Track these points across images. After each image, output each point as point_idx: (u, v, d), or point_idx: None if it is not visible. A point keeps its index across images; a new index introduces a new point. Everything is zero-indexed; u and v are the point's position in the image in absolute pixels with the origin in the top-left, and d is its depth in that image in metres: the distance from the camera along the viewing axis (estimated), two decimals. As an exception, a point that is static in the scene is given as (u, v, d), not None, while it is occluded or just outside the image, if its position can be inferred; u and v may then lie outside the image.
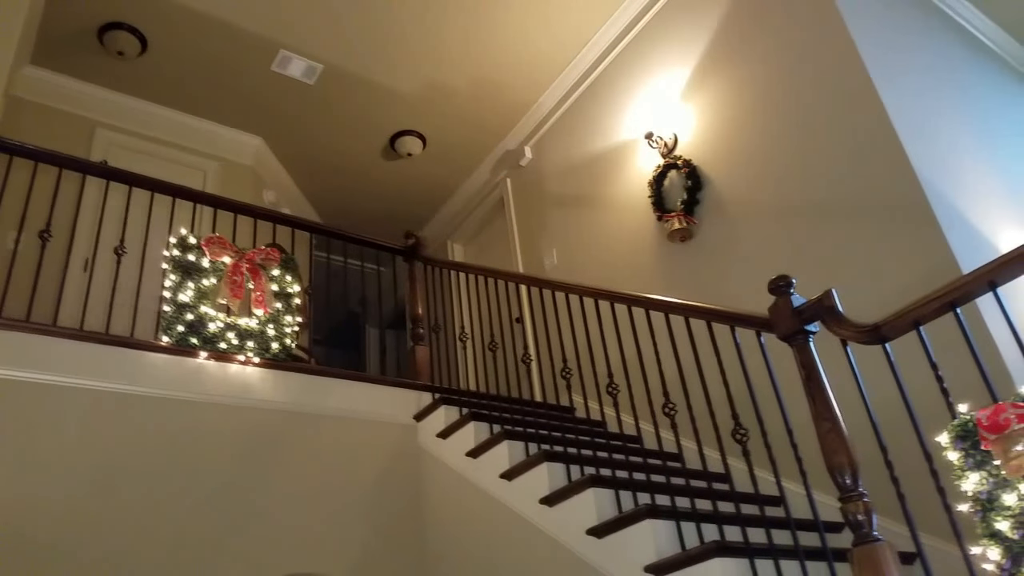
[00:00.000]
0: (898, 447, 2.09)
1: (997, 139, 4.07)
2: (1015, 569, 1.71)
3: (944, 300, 1.96)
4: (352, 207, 6.61)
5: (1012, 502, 1.70)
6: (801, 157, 3.74)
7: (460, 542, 3.57)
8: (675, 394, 3.04)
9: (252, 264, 3.88)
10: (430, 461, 3.91)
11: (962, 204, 3.30)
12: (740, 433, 2.40)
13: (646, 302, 3.05)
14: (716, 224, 4.15)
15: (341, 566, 3.47)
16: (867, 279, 3.24)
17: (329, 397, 3.84)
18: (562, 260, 5.25)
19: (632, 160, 4.78)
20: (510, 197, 5.99)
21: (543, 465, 3.16)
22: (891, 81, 3.55)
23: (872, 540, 1.94)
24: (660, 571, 2.48)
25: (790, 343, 2.27)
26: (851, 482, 2.01)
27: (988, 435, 1.64)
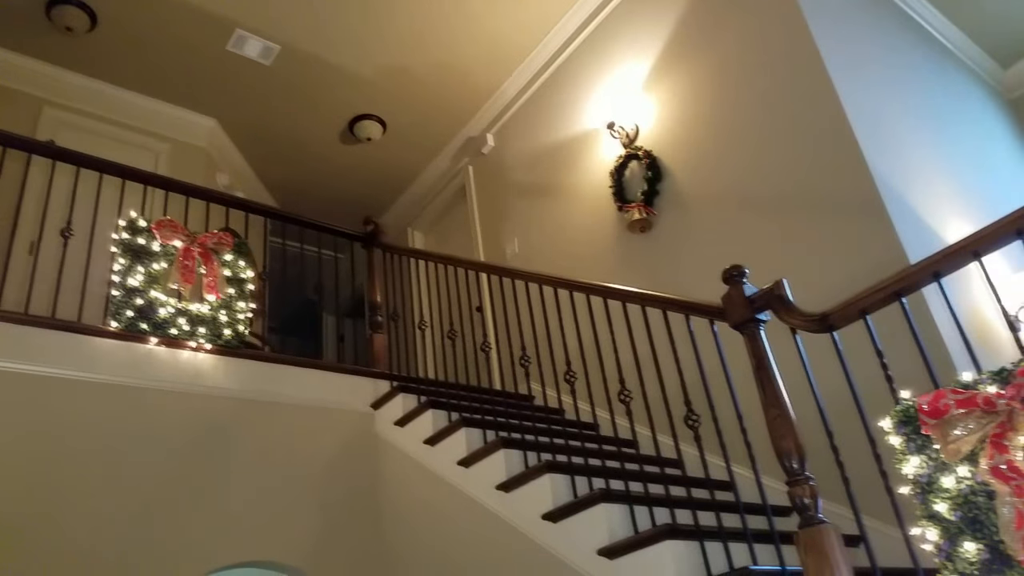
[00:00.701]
0: (845, 433, 2.16)
1: (949, 135, 4.20)
2: (952, 549, 1.78)
3: (890, 290, 2.02)
4: (310, 192, 6.53)
5: (950, 484, 1.77)
6: (758, 150, 3.81)
7: (417, 529, 3.59)
8: (631, 382, 3.10)
9: (204, 248, 3.83)
10: (387, 449, 3.91)
11: (912, 198, 3.40)
12: (692, 419, 2.46)
13: (604, 291, 3.09)
14: (675, 215, 4.21)
15: (296, 554, 3.46)
16: (819, 270, 3.32)
17: (284, 385, 3.82)
18: (524, 249, 5.28)
19: (594, 150, 4.82)
20: (472, 185, 5.99)
21: (500, 452, 3.20)
22: (848, 77, 3.64)
23: (817, 523, 2.00)
24: (612, 553, 2.53)
25: (742, 331, 2.33)
26: (798, 466, 2.08)
27: (928, 420, 1.71)
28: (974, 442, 1.68)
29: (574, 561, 2.69)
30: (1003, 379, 1.70)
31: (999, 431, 1.64)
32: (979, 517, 1.74)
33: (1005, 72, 5.22)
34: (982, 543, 1.73)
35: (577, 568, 2.66)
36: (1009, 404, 1.64)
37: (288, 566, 3.46)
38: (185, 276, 3.71)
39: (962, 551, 1.75)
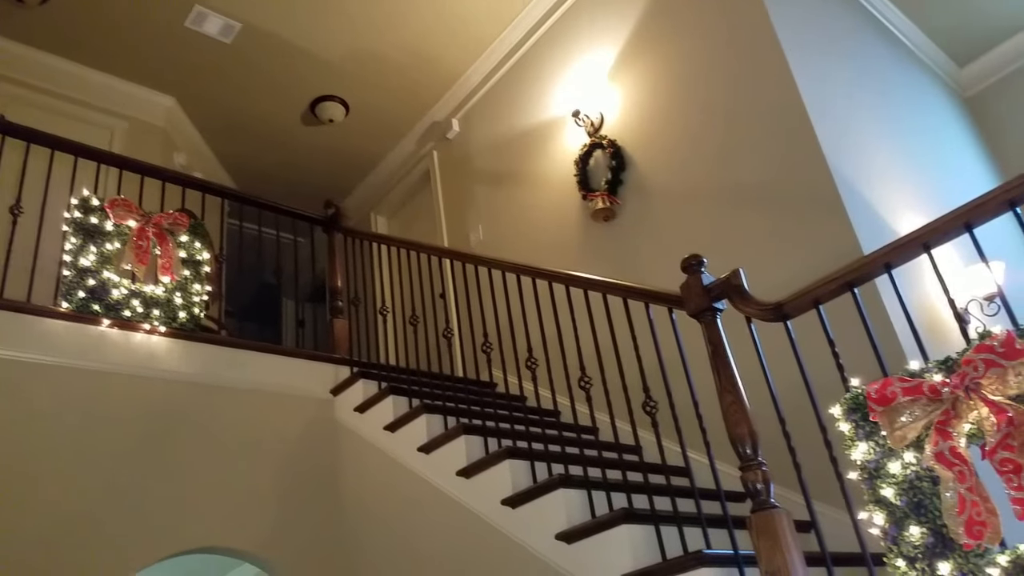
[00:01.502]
0: (798, 420, 2.22)
1: (906, 132, 4.31)
2: (897, 533, 1.85)
3: (842, 281, 2.08)
4: (270, 174, 6.44)
5: (896, 470, 1.83)
6: (719, 142, 3.87)
7: (377, 515, 3.59)
8: (592, 369, 3.13)
9: (159, 229, 3.76)
10: (347, 435, 3.90)
11: (868, 192, 3.49)
12: (650, 405, 2.50)
13: (566, 278, 3.11)
14: (638, 205, 4.25)
15: (254, 541, 3.45)
16: (777, 261, 3.39)
17: (241, 369, 3.78)
18: (488, 236, 5.28)
19: (559, 138, 4.83)
20: (436, 170, 5.96)
21: (461, 438, 3.21)
22: (809, 72, 3.70)
23: (769, 507, 2.06)
24: (570, 538, 2.57)
25: (699, 320, 2.37)
26: (751, 452, 2.13)
27: (876, 407, 1.76)
28: (920, 429, 1.74)
29: (532, 545, 2.72)
30: (949, 368, 1.76)
31: (944, 418, 1.71)
32: (924, 502, 1.80)
33: (961, 71, 5.36)
34: (926, 527, 1.79)
35: (535, 552, 2.70)
36: (954, 392, 1.70)
37: (246, 552, 3.44)
38: (139, 257, 3.65)
39: (907, 535, 1.81)
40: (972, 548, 1.71)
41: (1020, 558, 1.66)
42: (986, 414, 1.66)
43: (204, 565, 5.90)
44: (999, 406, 1.64)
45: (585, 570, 2.51)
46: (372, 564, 3.55)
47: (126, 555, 3.09)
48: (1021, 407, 1.64)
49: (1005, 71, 5.22)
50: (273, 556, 3.46)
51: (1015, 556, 1.67)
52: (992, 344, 1.65)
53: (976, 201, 1.86)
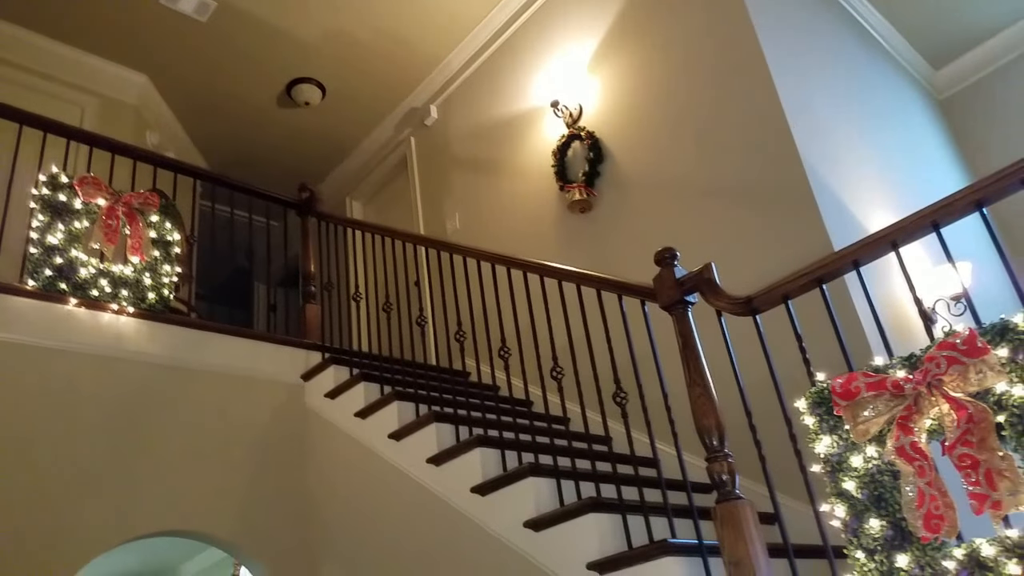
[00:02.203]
0: (765, 413, 2.25)
1: (880, 132, 4.37)
2: (858, 526, 1.89)
3: (811, 277, 2.11)
4: (244, 156, 6.37)
5: (858, 464, 1.88)
6: (697, 137, 3.90)
7: (346, 501, 3.60)
8: (564, 359, 3.16)
9: (129, 208, 3.71)
10: (317, 421, 3.90)
11: (841, 190, 3.54)
12: (620, 396, 2.53)
13: (540, 268, 3.12)
14: (615, 197, 4.28)
15: (220, 524, 3.44)
16: (750, 256, 3.43)
17: (211, 352, 3.75)
18: (465, 224, 5.27)
19: (538, 128, 4.84)
20: (414, 157, 5.94)
21: (432, 426, 3.22)
22: (786, 69, 3.74)
23: (734, 498, 2.10)
24: (538, 525, 2.59)
25: (671, 312, 2.40)
26: (717, 444, 2.16)
27: (840, 401, 1.80)
28: (882, 423, 1.78)
29: (501, 533, 2.75)
30: (912, 364, 1.81)
31: (906, 414, 1.75)
32: (884, 495, 1.85)
33: (937, 73, 5.44)
34: (886, 520, 1.84)
35: (503, 539, 2.72)
36: (916, 388, 1.74)
37: (212, 536, 3.43)
38: (108, 236, 3.60)
39: (867, 527, 1.86)
40: (929, 541, 1.76)
41: (975, 552, 1.71)
42: (947, 410, 1.70)
43: (170, 548, 5.89)
44: (960, 403, 1.68)
45: (552, 557, 2.54)
46: (341, 550, 3.55)
47: (89, 537, 3.06)
48: (981, 404, 1.68)
49: (979, 75, 5.32)
50: (240, 540, 3.46)
51: (970, 550, 1.72)
52: (954, 342, 1.69)
53: (944, 201, 1.90)
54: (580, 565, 2.43)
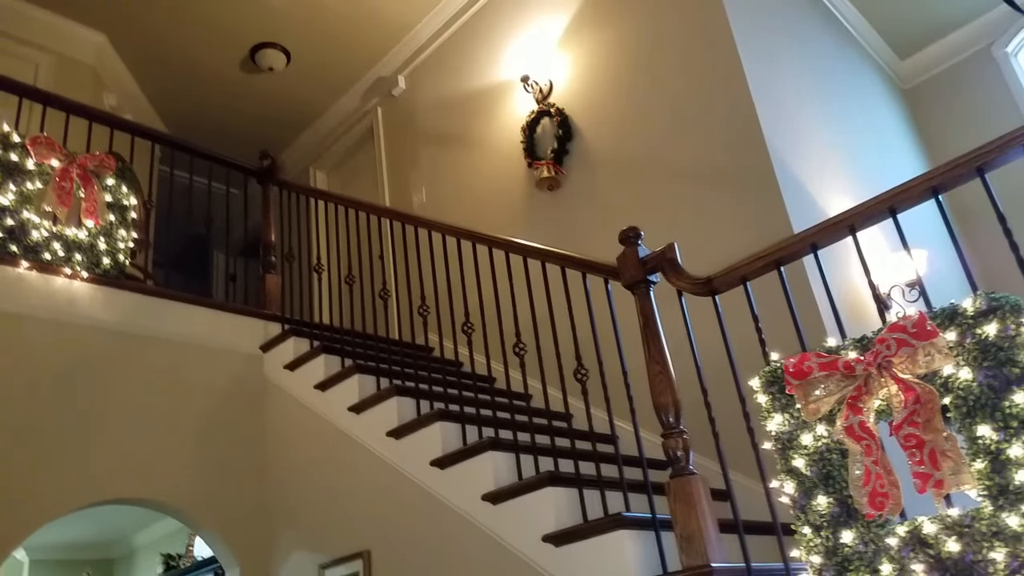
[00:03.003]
0: (722, 392, 2.30)
1: (845, 119, 4.44)
2: (806, 502, 1.95)
3: (770, 259, 2.16)
4: (205, 122, 6.23)
5: (808, 442, 1.93)
6: (665, 119, 3.93)
7: (305, 473, 3.60)
8: (527, 336, 3.18)
9: (83, 171, 3.62)
10: (275, 392, 3.88)
11: (804, 175, 3.60)
12: (581, 373, 2.56)
13: (506, 245, 3.14)
14: (583, 175, 4.29)
15: (173, 493, 3.42)
16: (714, 238, 3.48)
17: (167, 321, 3.71)
18: (431, 198, 5.25)
19: (507, 103, 4.82)
20: (380, 128, 5.87)
21: (393, 399, 3.24)
22: (755, 55, 3.78)
23: (688, 474, 2.15)
24: (496, 499, 2.63)
25: (633, 291, 2.43)
26: (673, 420, 2.21)
27: (792, 381, 1.85)
28: (832, 403, 1.83)
29: (459, 505, 2.78)
30: (864, 346, 1.86)
31: (856, 394, 1.80)
32: (832, 473, 1.91)
33: (902, 63, 5.53)
34: (833, 497, 1.90)
35: (461, 512, 2.76)
36: (867, 369, 1.79)
37: (165, 505, 3.42)
38: (61, 199, 3.51)
39: (815, 504, 1.92)
40: (874, 518, 1.83)
41: (917, 529, 1.78)
42: (895, 391, 1.76)
43: (124, 518, 5.85)
44: (908, 384, 1.74)
45: (509, 530, 2.59)
46: (298, 521, 3.56)
47: (38, 504, 3.03)
48: (928, 386, 1.74)
49: (943, 66, 5.42)
50: (194, 510, 3.44)
51: (913, 527, 1.79)
52: (905, 325, 1.74)
53: (901, 187, 1.95)
54: (536, 537, 2.47)
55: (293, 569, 3.49)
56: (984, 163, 1.86)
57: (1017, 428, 1.66)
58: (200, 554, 5.69)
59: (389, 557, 3.05)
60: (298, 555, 3.48)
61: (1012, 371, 1.69)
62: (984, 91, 5.17)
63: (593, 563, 2.31)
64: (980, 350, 1.72)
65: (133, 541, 6.82)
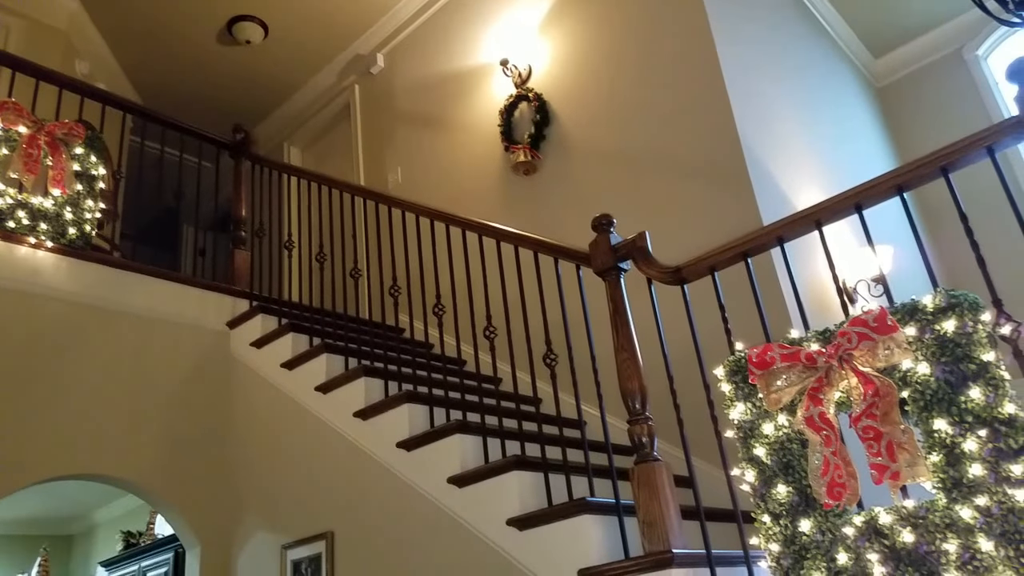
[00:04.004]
0: (688, 380, 2.33)
1: (818, 115, 4.48)
2: (766, 491, 1.98)
3: (738, 250, 2.18)
4: (178, 93, 6.12)
5: (770, 431, 1.96)
6: (640, 108, 3.94)
7: (269, 452, 3.58)
8: (498, 319, 3.19)
9: (52, 138, 3.55)
10: (242, 370, 3.85)
11: (775, 169, 3.63)
12: (550, 358, 2.57)
13: (479, 227, 3.13)
14: (559, 161, 4.29)
15: (135, 470, 3.38)
16: (686, 227, 3.51)
17: (133, 294, 3.65)
18: (407, 179, 5.22)
19: (486, 85, 4.79)
20: (357, 105, 5.82)
21: (361, 380, 3.23)
22: (732, 49, 3.80)
23: (651, 460, 2.17)
24: (462, 482, 2.64)
25: (604, 278, 2.44)
26: (639, 407, 2.23)
27: (756, 371, 1.88)
28: (794, 393, 1.86)
29: (424, 488, 2.78)
30: (826, 339, 1.89)
31: (817, 385, 1.83)
32: (792, 463, 1.94)
33: (876, 61, 5.59)
34: (792, 486, 1.93)
35: (426, 494, 2.76)
36: (828, 361, 1.82)
37: (126, 481, 3.38)
38: (28, 166, 3.44)
39: (775, 493, 1.95)
40: (831, 508, 1.86)
41: (873, 519, 1.82)
42: (855, 384, 1.79)
43: (83, 493, 5.78)
44: (867, 377, 1.77)
45: (473, 512, 2.60)
46: (260, 501, 3.54)
47: (-4, 476, 2.98)
48: (887, 379, 1.77)
49: (916, 66, 5.49)
50: (154, 486, 3.41)
51: (869, 517, 1.83)
52: (866, 319, 1.77)
53: (867, 184, 1.98)
54: (500, 521, 2.49)
55: (255, 549, 3.48)
56: (948, 163, 1.89)
57: (972, 423, 1.70)
58: (161, 532, 5.65)
59: (353, 538, 3.05)
60: (261, 535, 3.47)
61: (968, 367, 1.72)
62: (954, 92, 5.25)
63: (556, 547, 2.33)
64: (938, 346, 1.75)
65: (93, 518, 6.75)
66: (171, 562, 5.08)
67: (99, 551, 6.54)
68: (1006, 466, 1.64)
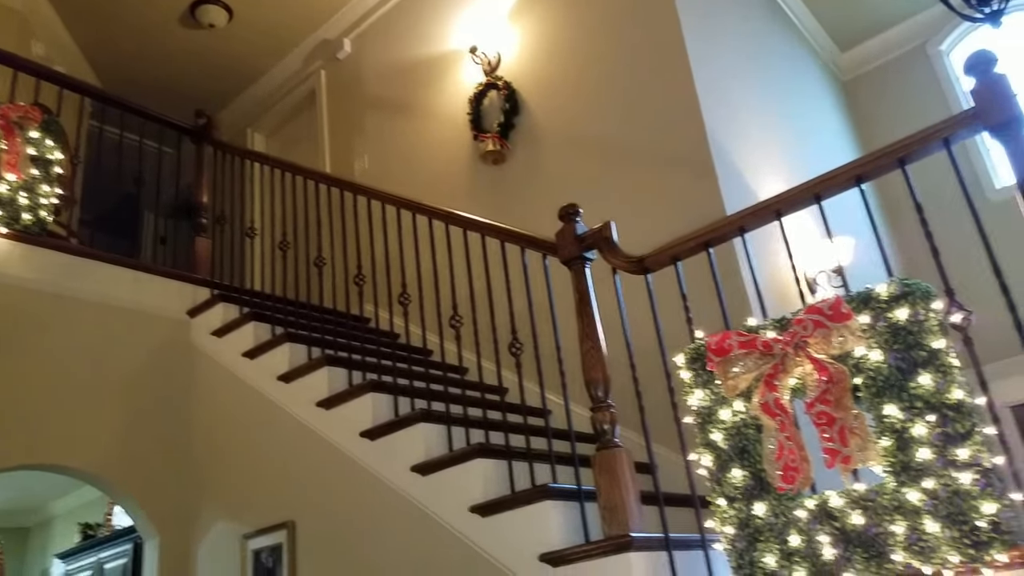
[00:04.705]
0: (652, 369, 2.37)
1: (784, 108, 4.57)
2: (721, 475, 2.04)
3: (700, 240, 2.23)
4: (139, 77, 6.03)
5: (726, 417, 2.02)
6: (609, 98, 3.98)
7: (230, 441, 3.58)
8: (464, 309, 3.21)
9: (6, 121, 3.50)
10: (202, 359, 3.83)
11: (740, 159, 3.70)
12: (516, 347, 2.61)
13: (446, 216, 3.15)
14: (528, 151, 4.32)
15: (92, 460, 3.36)
16: (653, 218, 3.55)
17: (90, 281, 3.62)
18: (374, 166, 5.20)
19: (455, 73, 4.79)
20: (323, 91, 5.78)
21: (324, 369, 3.23)
22: (700, 40, 3.85)
23: (613, 446, 2.22)
24: (425, 470, 2.67)
25: (570, 267, 2.48)
26: (602, 395, 2.28)
27: (714, 357, 1.93)
28: (750, 380, 1.92)
29: (387, 476, 2.81)
30: (783, 327, 1.95)
31: (772, 372, 1.89)
32: (747, 447, 2.00)
33: (843, 55, 5.70)
34: (748, 470, 1.99)
35: (389, 483, 2.79)
36: (784, 349, 1.88)
37: (82, 472, 3.35)
38: (-20, 150, 3.39)
39: (730, 477, 2.01)
40: (785, 491, 1.92)
41: (825, 502, 1.88)
42: (810, 370, 1.85)
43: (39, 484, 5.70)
44: (822, 364, 1.83)
45: (437, 501, 2.63)
46: (221, 491, 3.54)
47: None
48: (840, 366, 1.84)
49: (881, 60, 5.61)
50: (111, 476, 3.40)
51: (821, 501, 1.89)
52: (821, 307, 1.83)
53: (826, 175, 2.04)
54: (463, 508, 2.52)
55: (215, 539, 3.47)
56: (906, 155, 1.95)
57: (921, 408, 1.76)
58: (119, 523, 5.61)
59: (314, 527, 3.06)
60: (221, 525, 3.47)
61: (919, 354, 1.78)
62: (917, 87, 5.38)
63: (518, 533, 2.37)
64: (891, 333, 1.81)
65: (49, 509, 6.65)
66: (130, 553, 5.06)
67: (56, 543, 6.46)
68: (953, 450, 1.71)
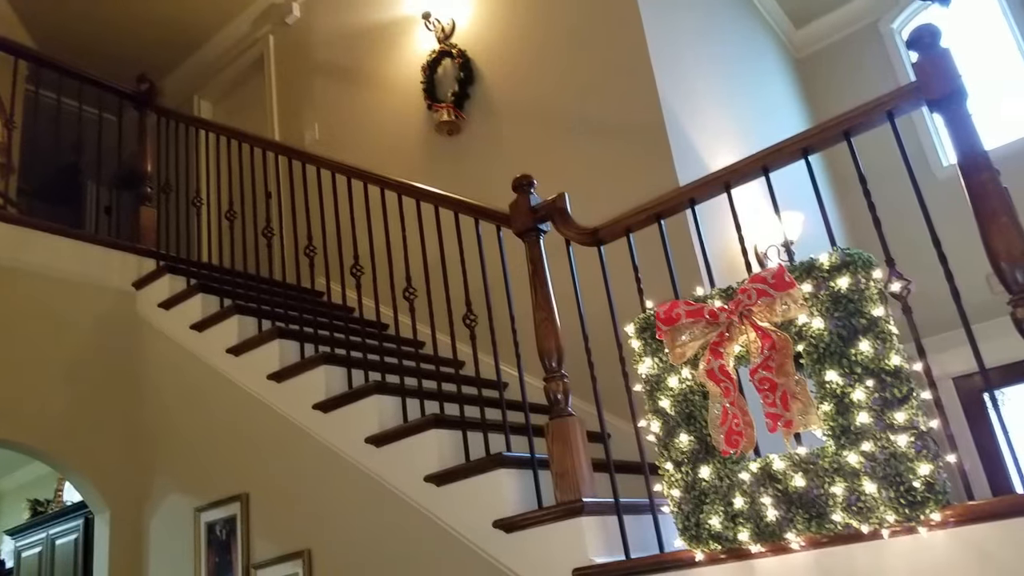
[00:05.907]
0: (604, 339, 2.44)
1: (738, 82, 4.67)
2: (669, 440, 2.13)
3: (651, 212, 2.31)
4: (78, 40, 5.86)
5: (674, 384, 2.11)
6: (565, 69, 4.03)
7: (180, 415, 3.58)
8: (418, 281, 3.25)
9: (-64, 83, 3.40)
10: (149, 332, 3.82)
11: (694, 133, 3.79)
12: (470, 319, 2.66)
13: (399, 187, 3.17)
14: (483, 121, 4.34)
15: (35, 433, 3.35)
16: (607, 189, 3.62)
17: (31, 252, 3.57)
18: (325, 135, 5.17)
19: (409, 39, 4.78)
20: (271, 57, 5.71)
21: (275, 342, 3.25)
22: (656, 11, 3.92)
23: (566, 415, 2.30)
24: (380, 441, 2.73)
25: (524, 239, 2.54)
26: (555, 365, 2.36)
27: (662, 326, 2.01)
28: (697, 348, 2.00)
29: (342, 448, 2.86)
30: (728, 296, 2.03)
31: (718, 340, 1.97)
32: (694, 413, 2.09)
33: (797, 32, 5.82)
34: (694, 435, 2.09)
35: (343, 454, 2.84)
36: (729, 317, 1.97)
37: (25, 445, 3.33)
38: (-92, 113, 3.29)
39: (677, 442, 2.10)
40: (729, 455, 2.02)
41: (768, 465, 1.99)
42: (754, 338, 1.94)
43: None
44: (765, 331, 1.92)
45: (391, 471, 2.69)
46: (172, 464, 3.55)
47: None
48: (783, 333, 1.93)
49: (834, 37, 5.74)
50: (61, 452, 3.38)
51: (764, 464, 1.99)
52: (765, 276, 1.92)
53: (773, 147, 2.12)
54: (419, 478, 2.59)
55: (168, 512, 3.49)
56: (851, 127, 2.04)
57: (861, 374, 1.86)
58: (70, 499, 5.57)
59: (268, 499, 3.10)
60: (173, 498, 3.48)
61: (860, 321, 1.88)
62: (869, 64, 5.52)
63: (473, 501, 2.45)
64: (832, 301, 1.91)
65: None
66: (81, 529, 5.04)
67: (5, 520, 6.39)
68: (890, 414, 1.81)
